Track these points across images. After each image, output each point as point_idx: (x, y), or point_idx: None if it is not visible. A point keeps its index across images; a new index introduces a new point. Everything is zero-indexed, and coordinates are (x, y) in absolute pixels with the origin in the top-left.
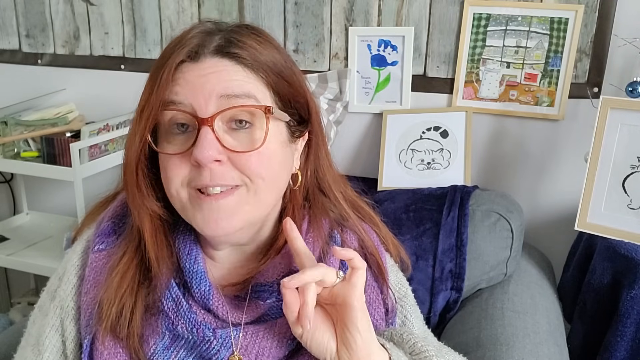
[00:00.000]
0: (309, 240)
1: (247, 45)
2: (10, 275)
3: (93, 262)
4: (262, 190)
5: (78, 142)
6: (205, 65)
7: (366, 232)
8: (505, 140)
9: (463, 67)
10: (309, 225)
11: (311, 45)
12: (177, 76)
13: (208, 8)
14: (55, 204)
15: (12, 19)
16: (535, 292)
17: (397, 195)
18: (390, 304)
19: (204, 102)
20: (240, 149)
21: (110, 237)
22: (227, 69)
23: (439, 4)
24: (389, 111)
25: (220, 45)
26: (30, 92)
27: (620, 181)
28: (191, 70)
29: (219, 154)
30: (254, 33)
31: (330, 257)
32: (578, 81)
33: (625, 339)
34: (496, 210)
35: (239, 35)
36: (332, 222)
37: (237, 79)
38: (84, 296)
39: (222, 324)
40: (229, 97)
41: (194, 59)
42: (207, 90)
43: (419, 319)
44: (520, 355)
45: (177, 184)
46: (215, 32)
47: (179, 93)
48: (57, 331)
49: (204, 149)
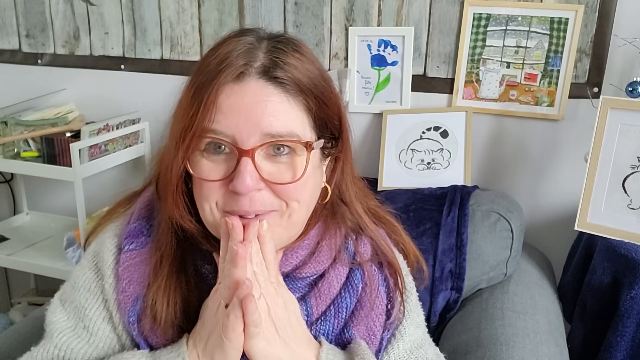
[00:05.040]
0: (322, 248)
1: (290, 66)
2: (10, 275)
3: (125, 262)
4: (295, 212)
5: (78, 142)
6: (249, 89)
7: (382, 238)
8: (505, 140)
9: (463, 67)
10: (322, 234)
11: (311, 45)
12: (220, 99)
13: (208, 8)
14: (55, 204)
15: (12, 19)
16: (535, 292)
17: (397, 195)
18: (394, 313)
19: (246, 135)
20: (280, 179)
21: (140, 237)
22: (272, 100)
23: (439, 4)
24: (389, 111)
25: (265, 67)
26: (30, 92)
27: (620, 181)
28: (235, 95)
29: (258, 183)
30: (295, 49)
31: (338, 265)
32: (578, 81)
33: (625, 339)
34: (496, 210)
35: (282, 55)
36: (347, 231)
37: (280, 113)
38: (121, 294)
39: None
40: (273, 135)
41: (238, 79)
42: (250, 123)
43: (414, 326)
44: (520, 355)
45: (212, 205)
46: (258, 48)
47: (222, 122)
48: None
49: (244, 180)
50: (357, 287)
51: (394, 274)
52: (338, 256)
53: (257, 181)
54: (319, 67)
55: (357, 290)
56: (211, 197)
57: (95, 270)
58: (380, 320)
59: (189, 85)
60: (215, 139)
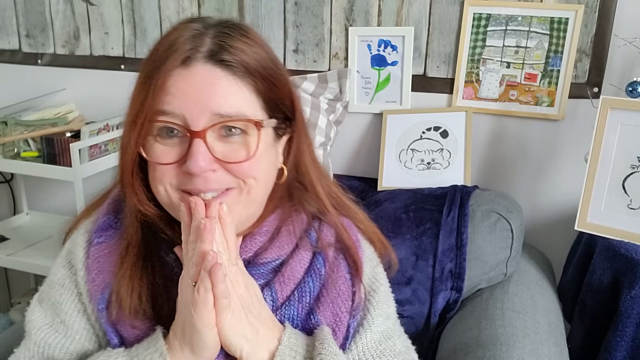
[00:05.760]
0: (282, 234)
1: (237, 49)
2: (10, 275)
3: (94, 254)
4: (254, 189)
5: (78, 142)
6: (197, 73)
7: (344, 227)
8: (505, 140)
9: (463, 67)
10: (280, 220)
11: (311, 45)
12: (169, 83)
13: (208, 8)
14: (55, 204)
15: (12, 19)
16: (535, 292)
17: (397, 195)
18: (357, 299)
19: (196, 115)
20: (233, 158)
21: (108, 231)
22: (220, 82)
23: (439, 4)
24: (389, 111)
25: (212, 51)
26: (30, 92)
27: (620, 181)
28: (183, 79)
29: (211, 164)
30: (243, 33)
31: (301, 250)
32: (578, 81)
33: (625, 339)
34: (496, 210)
35: (229, 39)
36: (309, 217)
37: (229, 94)
38: (90, 284)
39: None
40: (222, 115)
41: (186, 64)
42: (200, 104)
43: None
44: (520, 355)
45: (167, 186)
46: (205, 34)
47: (171, 103)
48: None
49: (197, 161)
50: (320, 271)
51: (353, 263)
52: (300, 242)
53: (210, 162)
54: (267, 50)
55: (321, 275)
56: (165, 179)
57: (69, 267)
58: (347, 306)
59: (140, 73)
60: (166, 122)
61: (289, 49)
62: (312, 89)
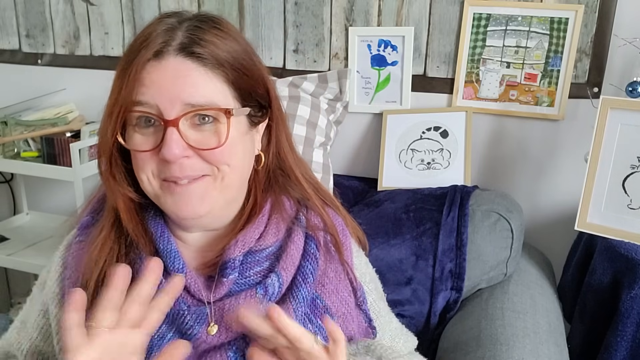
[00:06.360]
0: (273, 220)
1: (208, 42)
2: (10, 275)
3: (74, 252)
4: (228, 175)
5: (78, 142)
6: (169, 65)
7: (328, 215)
8: (505, 140)
9: (463, 67)
10: (272, 206)
11: (311, 45)
12: (143, 75)
13: (208, 8)
14: (55, 204)
15: (12, 19)
16: (535, 292)
17: (397, 195)
18: (355, 282)
19: (169, 105)
20: (205, 145)
21: (90, 229)
22: (191, 74)
23: (439, 4)
24: (389, 111)
25: (183, 44)
26: (30, 92)
27: (620, 181)
28: (156, 70)
29: (185, 151)
30: (215, 26)
31: (294, 237)
32: (578, 81)
33: (625, 339)
34: (496, 210)
35: (200, 32)
36: (296, 203)
37: (200, 85)
38: (67, 281)
39: (196, 302)
40: (193, 105)
41: (158, 57)
42: (172, 95)
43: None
44: (520, 355)
45: (149, 175)
46: (178, 28)
47: (145, 93)
48: (44, 316)
49: (171, 148)
50: (315, 255)
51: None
52: (292, 225)
53: (183, 149)
54: (240, 41)
55: (317, 258)
56: (146, 166)
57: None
58: (348, 289)
59: (118, 67)
60: (141, 112)
61: (289, 49)
62: (312, 89)
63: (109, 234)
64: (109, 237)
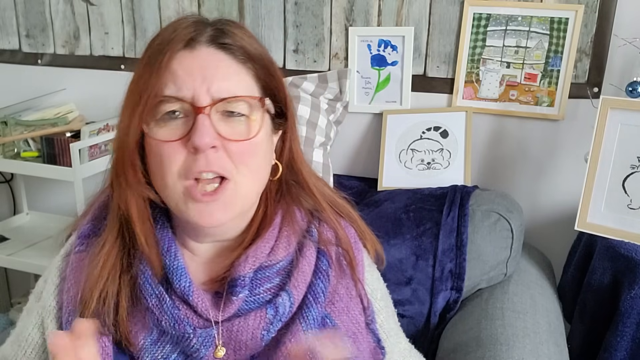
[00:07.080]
0: (283, 233)
1: (237, 36)
2: (10, 275)
3: (74, 263)
4: (247, 179)
5: (78, 142)
6: (200, 55)
7: (342, 227)
8: (505, 140)
9: (463, 67)
10: (283, 218)
11: (311, 45)
12: (173, 65)
13: (208, 8)
14: (55, 204)
15: (12, 19)
16: (535, 292)
17: (397, 195)
18: (365, 300)
19: (201, 94)
20: (235, 137)
21: (90, 238)
22: (222, 65)
23: (439, 4)
24: (389, 111)
25: (214, 36)
26: (30, 92)
27: (620, 181)
28: (188, 60)
29: (214, 140)
30: (239, 27)
31: (306, 252)
32: (578, 81)
33: (625, 339)
34: (496, 210)
35: (228, 26)
36: (308, 215)
37: (231, 76)
38: (65, 294)
39: (203, 322)
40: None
41: (189, 46)
42: (204, 84)
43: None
44: (520, 355)
45: (174, 175)
46: (204, 24)
47: (176, 83)
48: (39, 329)
49: (202, 134)
50: (327, 272)
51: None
52: (303, 239)
53: (213, 137)
54: (261, 44)
55: (328, 275)
56: (172, 164)
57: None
58: (359, 308)
59: (142, 58)
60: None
61: (289, 49)
62: (312, 89)
63: (112, 249)
64: (112, 252)
